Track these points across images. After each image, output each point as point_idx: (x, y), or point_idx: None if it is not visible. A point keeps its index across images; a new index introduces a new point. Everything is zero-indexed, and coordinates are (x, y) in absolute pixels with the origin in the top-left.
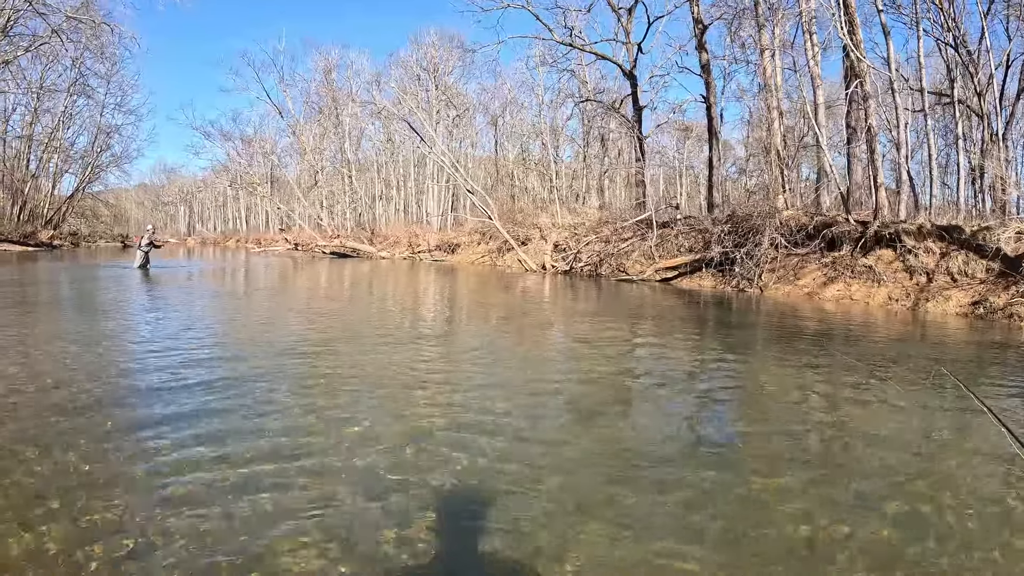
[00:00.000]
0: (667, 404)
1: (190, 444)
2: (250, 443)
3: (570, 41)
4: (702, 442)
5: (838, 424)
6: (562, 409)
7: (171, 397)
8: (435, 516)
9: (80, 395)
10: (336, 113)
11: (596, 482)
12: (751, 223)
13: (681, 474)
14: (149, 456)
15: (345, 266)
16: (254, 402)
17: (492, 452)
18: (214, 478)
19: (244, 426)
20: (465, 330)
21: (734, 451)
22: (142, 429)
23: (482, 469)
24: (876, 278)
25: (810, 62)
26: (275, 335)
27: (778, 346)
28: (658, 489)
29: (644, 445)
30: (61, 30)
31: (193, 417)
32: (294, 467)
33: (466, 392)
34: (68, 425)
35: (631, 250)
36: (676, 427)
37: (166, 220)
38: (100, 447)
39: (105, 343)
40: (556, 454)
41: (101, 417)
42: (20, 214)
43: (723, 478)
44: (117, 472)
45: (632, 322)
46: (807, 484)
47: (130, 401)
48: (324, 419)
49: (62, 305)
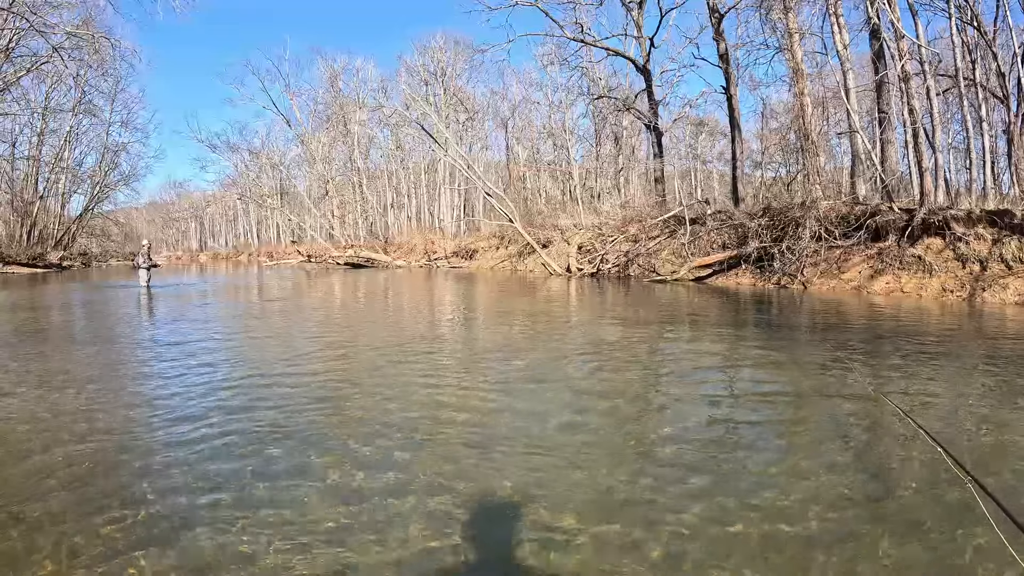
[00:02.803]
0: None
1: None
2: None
3: (581, 37)
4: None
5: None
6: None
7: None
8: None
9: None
10: (344, 121)
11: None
12: (789, 215)
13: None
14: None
15: (361, 277)
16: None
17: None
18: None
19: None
20: (523, 350)
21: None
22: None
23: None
24: (927, 268)
25: (838, 45)
26: (305, 373)
27: (874, 355)
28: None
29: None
30: (62, 48)
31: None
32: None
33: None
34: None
35: (660, 249)
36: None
37: (177, 237)
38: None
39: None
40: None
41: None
42: (29, 236)
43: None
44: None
45: (703, 334)
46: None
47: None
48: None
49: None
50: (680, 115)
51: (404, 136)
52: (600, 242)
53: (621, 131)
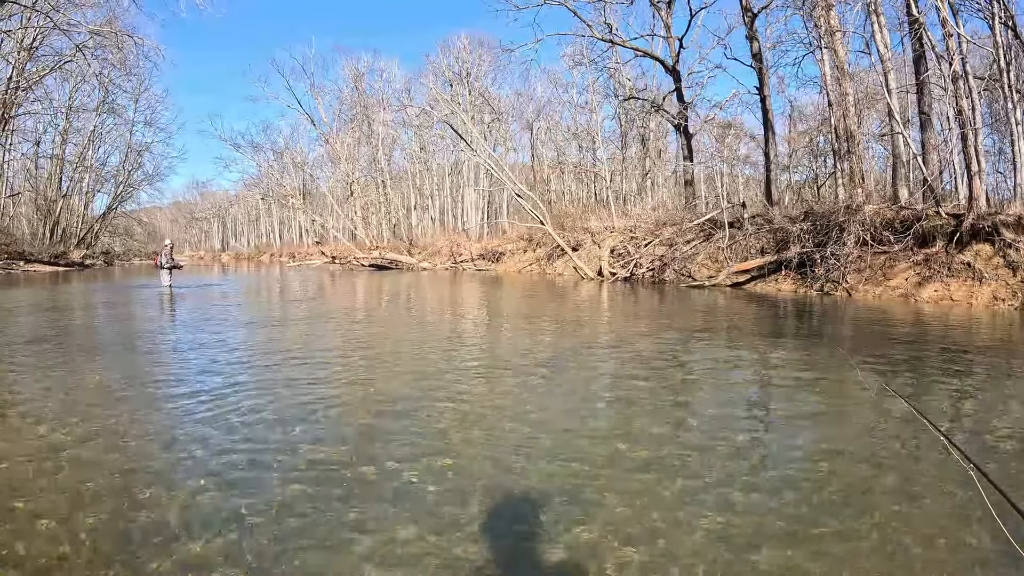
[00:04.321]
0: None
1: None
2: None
3: (610, 37)
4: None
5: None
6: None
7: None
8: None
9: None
10: (368, 122)
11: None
12: (833, 219)
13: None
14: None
15: (387, 279)
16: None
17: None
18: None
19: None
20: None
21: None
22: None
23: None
24: (977, 276)
25: (879, 44)
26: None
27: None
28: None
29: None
30: (85, 47)
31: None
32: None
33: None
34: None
35: (695, 253)
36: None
37: (200, 237)
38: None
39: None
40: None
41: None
42: (52, 234)
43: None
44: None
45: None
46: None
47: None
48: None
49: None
50: (710, 117)
51: (428, 137)
52: (633, 245)
53: (648, 133)
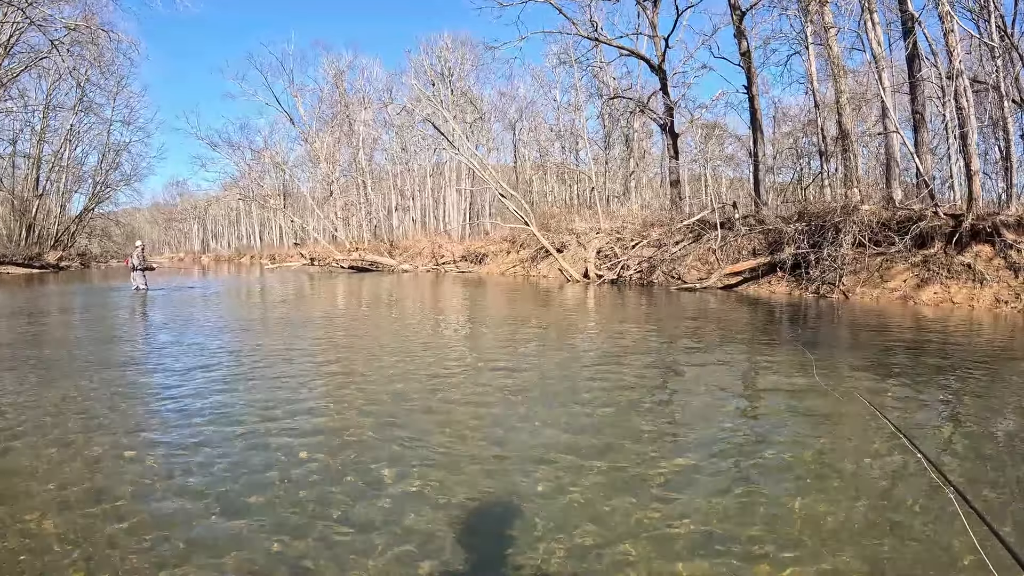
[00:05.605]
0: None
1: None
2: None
3: (596, 35)
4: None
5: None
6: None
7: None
8: None
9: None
10: (349, 121)
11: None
12: (828, 220)
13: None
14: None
15: (367, 281)
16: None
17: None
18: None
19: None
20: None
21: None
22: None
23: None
24: (977, 278)
25: (873, 43)
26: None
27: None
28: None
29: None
30: (61, 43)
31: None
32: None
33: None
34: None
35: (684, 255)
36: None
37: (180, 238)
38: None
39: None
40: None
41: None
42: (28, 235)
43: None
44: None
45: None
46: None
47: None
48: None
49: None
50: (696, 118)
51: (409, 138)
52: (620, 247)
53: (632, 134)
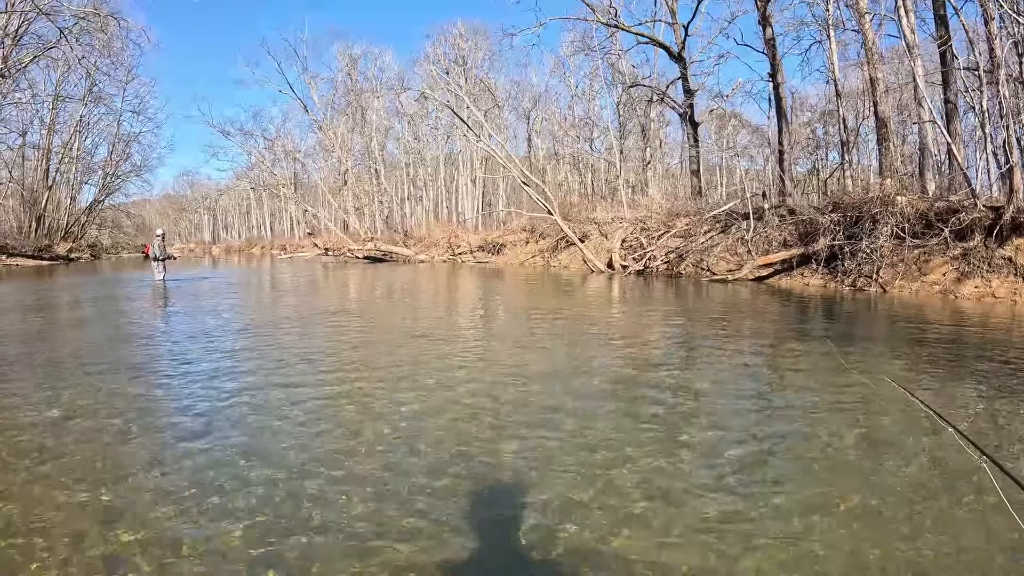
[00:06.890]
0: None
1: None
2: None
3: (615, 22)
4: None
5: None
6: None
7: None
8: None
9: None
10: (362, 109)
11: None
12: (865, 211)
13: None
14: None
15: (383, 272)
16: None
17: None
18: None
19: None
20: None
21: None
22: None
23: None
24: (1019, 272)
25: (906, 31)
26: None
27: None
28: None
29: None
30: (69, 32)
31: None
32: None
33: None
34: None
35: (712, 245)
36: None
37: (190, 229)
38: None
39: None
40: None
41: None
42: (38, 227)
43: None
44: None
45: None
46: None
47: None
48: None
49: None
50: (715, 108)
51: (422, 127)
52: (646, 237)
53: (648, 123)
